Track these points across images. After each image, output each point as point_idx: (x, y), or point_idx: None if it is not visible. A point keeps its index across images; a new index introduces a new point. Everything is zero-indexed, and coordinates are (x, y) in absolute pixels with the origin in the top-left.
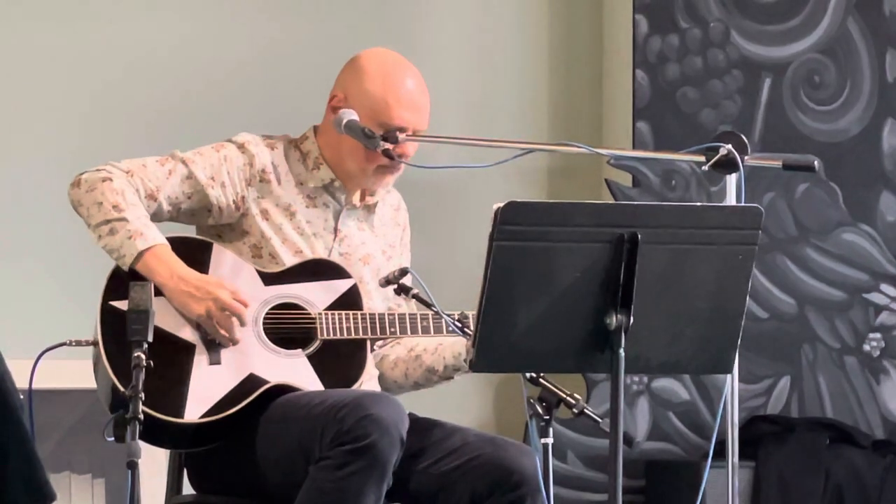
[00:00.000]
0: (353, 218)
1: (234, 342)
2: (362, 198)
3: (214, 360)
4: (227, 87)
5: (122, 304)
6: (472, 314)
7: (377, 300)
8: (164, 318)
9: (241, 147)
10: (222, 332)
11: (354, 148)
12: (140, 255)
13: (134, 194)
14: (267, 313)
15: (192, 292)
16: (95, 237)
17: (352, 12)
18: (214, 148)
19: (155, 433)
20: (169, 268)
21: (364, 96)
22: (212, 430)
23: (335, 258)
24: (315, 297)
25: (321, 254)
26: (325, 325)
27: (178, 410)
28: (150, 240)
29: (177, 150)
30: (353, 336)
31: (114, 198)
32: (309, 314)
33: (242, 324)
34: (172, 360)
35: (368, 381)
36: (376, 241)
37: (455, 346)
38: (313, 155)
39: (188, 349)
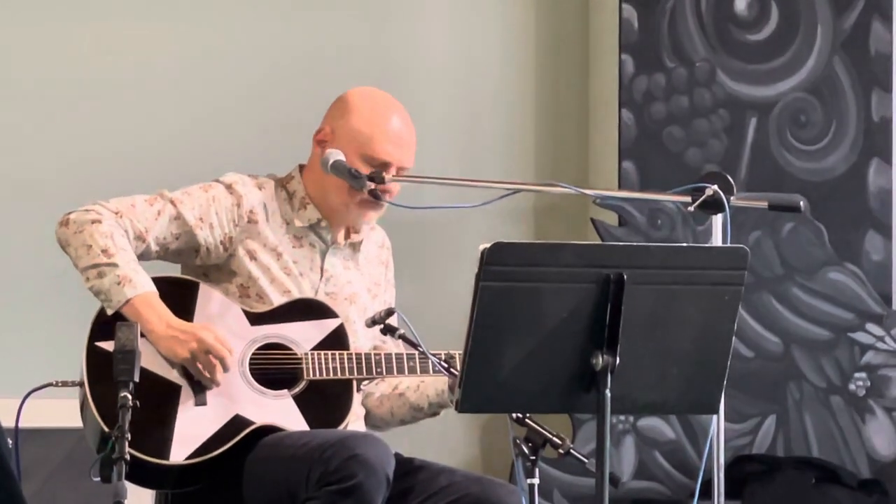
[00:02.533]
0: (338, 257)
1: (217, 384)
2: (347, 235)
3: (200, 401)
4: (226, 113)
5: (107, 345)
6: (457, 354)
7: (363, 339)
8: (150, 359)
9: (228, 187)
10: (205, 374)
11: (339, 184)
12: (128, 301)
13: (122, 236)
14: (253, 353)
15: (177, 336)
16: (83, 279)
17: (340, 54)
18: (202, 188)
19: (140, 474)
20: (157, 314)
21: (350, 131)
22: (197, 472)
23: (322, 297)
24: (301, 337)
25: (308, 293)
26: (311, 366)
27: (164, 452)
28: (138, 287)
29: (165, 190)
30: (339, 376)
31: (103, 241)
32: (295, 354)
33: (225, 368)
34: (158, 401)
35: (354, 422)
36: (362, 279)
37: (437, 384)
38: (299, 195)
39: (174, 390)
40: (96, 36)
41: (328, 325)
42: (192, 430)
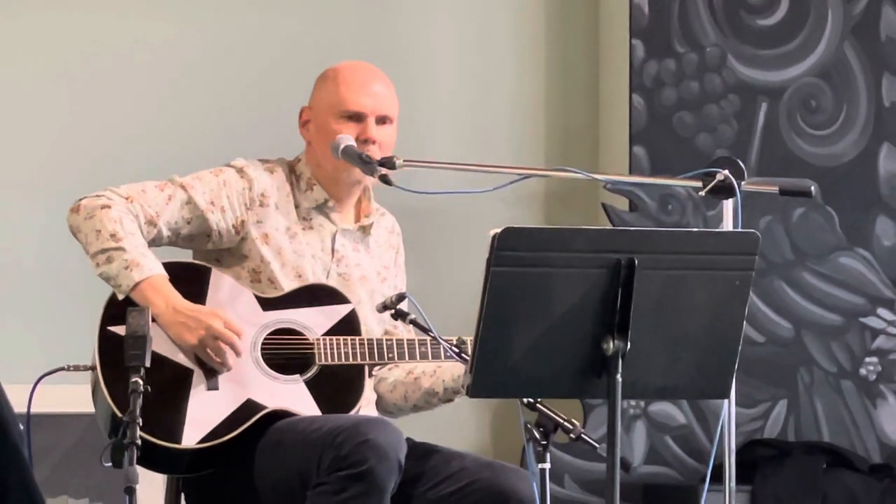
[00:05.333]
0: (348, 239)
1: (228, 369)
2: (357, 219)
3: (212, 386)
4: (232, 100)
5: (119, 330)
6: (469, 339)
7: (374, 322)
8: (161, 343)
9: (239, 171)
10: (216, 359)
11: (325, 149)
12: (136, 285)
13: (132, 221)
14: (265, 338)
15: (185, 322)
16: (93, 265)
17: (345, 40)
18: (213, 172)
19: (152, 458)
20: (164, 298)
21: (322, 98)
22: (209, 456)
23: (333, 279)
24: (313, 322)
25: (320, 275)
26: (323, 351)
27: (176, 436)
28: (146, 270)
29: (176, 175)
30: (350, 362)
31: (112, 226)
32: (307, 339)
33: (237, 352)
34: (170, 385)
35: (366, 407)
36: (372, 262)
37: (454, 369)
38: (306, 176)
39: (186, 375)
40: (103, 26)
41: (340, 311)
42: (204, 415)
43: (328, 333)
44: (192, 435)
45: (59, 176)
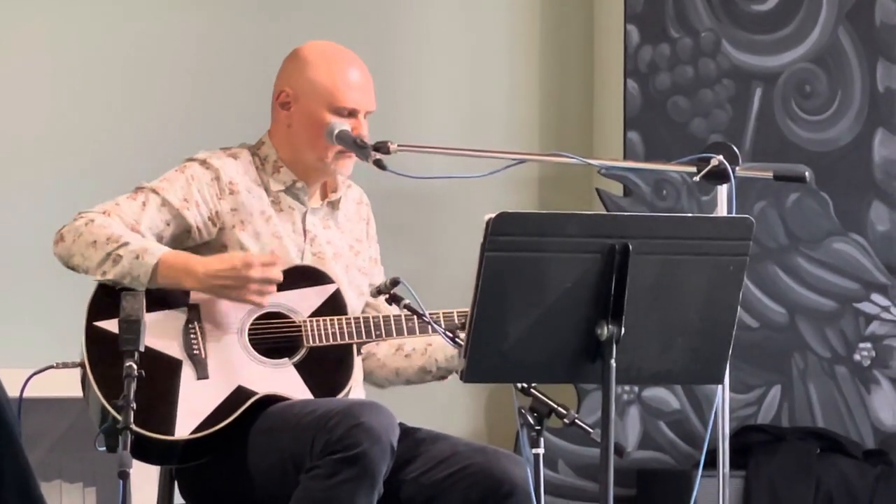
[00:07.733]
0: (318, 216)
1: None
2: (324, 195)
3: (202, 375)
4: (212, 86)
5: (106, 325)
6: (456, 312)
7: (352, 297)
8: (150, 335)
9: (203, 163)
10: (263, 301)
11: (312, 138)
12: (155, 269)
13: (120, 226)
14: (252, 323)
15: (227, 284)
16: (99, 275)
17: (340, 25)
18: (178, 170)
19: (145, 450)
20: (190, 270)
21: (312, 86)
22: (202, 446)
23: (308, 259)
24: (299, 304)
25: (294, 256)
26: (310, 332)
27: (168, 428)
28: (156, 252)
29: (143, 182)
30: (338, 341)
31: (105, 232)
32: (294, 322)
33: (278, 280)
34: (160, 376)
35: (356, 387)
36: (343, 237)
37: (446, 349)
38: (272, 159)
39: (175, 365)
40: (100, 26)
41: (325, 291)
42: (195, 405)
43: (314, 314)
44: (185, 425)
45: (57, 174)
